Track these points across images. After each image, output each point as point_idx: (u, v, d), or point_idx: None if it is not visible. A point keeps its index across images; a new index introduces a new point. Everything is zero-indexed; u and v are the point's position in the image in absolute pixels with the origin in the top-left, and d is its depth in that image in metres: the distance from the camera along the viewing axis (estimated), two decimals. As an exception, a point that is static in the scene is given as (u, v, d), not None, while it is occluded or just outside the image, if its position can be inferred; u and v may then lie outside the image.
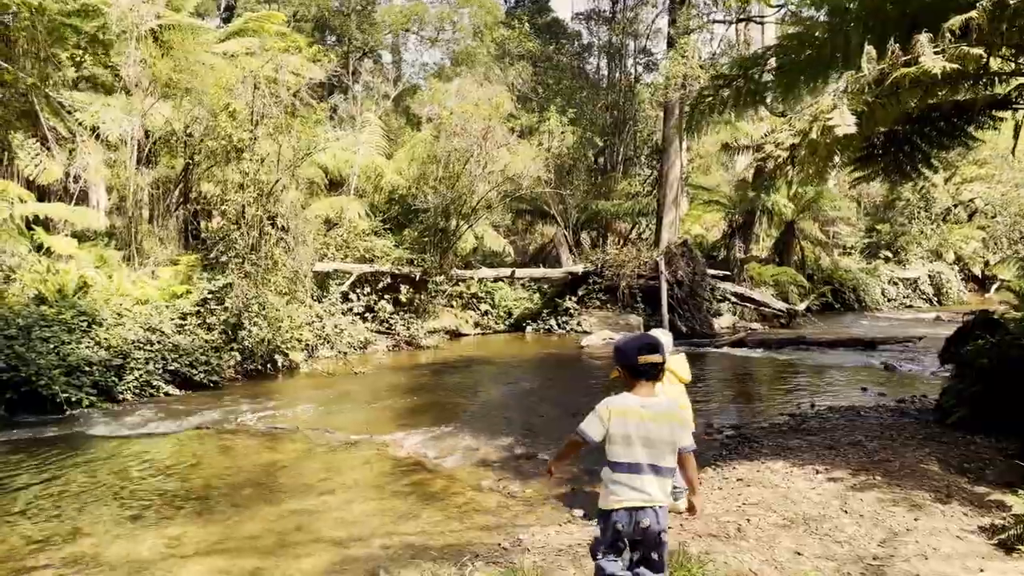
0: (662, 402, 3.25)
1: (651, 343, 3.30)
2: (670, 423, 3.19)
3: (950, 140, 8.93)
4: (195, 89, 13.34)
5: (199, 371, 11.80)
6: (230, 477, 7.10)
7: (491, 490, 6.65)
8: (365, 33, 32.29)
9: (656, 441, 3.18)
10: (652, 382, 3.28)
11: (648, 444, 3.19)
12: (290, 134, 12.85)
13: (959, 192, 33.13)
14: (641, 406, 3.22)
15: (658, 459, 3.19)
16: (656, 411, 3.20)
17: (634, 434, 3.19)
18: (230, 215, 12.52)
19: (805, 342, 17.03)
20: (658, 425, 3.18)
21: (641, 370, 3.25)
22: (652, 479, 3.20)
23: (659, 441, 3.19)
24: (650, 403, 3.22)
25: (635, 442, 3.19)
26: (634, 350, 3.29)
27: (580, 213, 23.46)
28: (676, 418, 3.21)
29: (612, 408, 3.25)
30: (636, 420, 3.19)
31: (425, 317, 17.06)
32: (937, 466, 6.88)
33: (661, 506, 3.24)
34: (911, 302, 29.25)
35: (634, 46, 31.00)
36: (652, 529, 3.20)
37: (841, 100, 5.19)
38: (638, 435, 3.19)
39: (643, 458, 3.19)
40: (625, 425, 3.20)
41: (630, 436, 3.19)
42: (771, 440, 8.19)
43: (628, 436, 3.19)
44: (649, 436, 3.18)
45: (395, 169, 20.00)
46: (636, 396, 3.25)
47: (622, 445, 3.21)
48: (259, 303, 12.58)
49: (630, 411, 3.21)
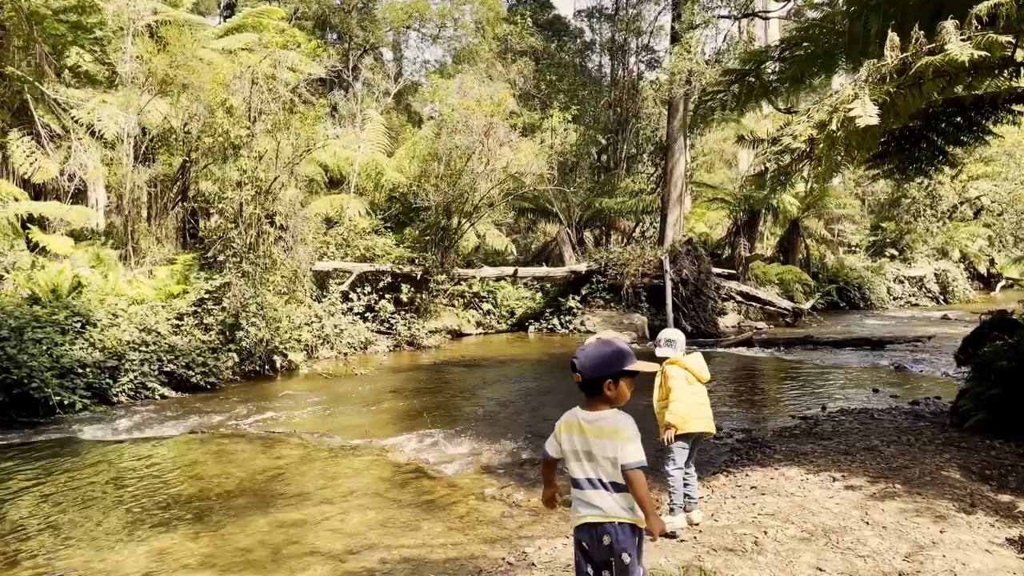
0: (606, 416, 3.06)
1: (572, 360, 3.16)
2: (612, 439, 3.01)
3: (967, 136, 8.66)
4: (192, 85, 13.08)
5: (196, 372, 11.57)
6: (224, 485, 6.85)
7: (494, 499, 6.39)
8: (366, 30, 32.04)
9: (598, 456, 3.05)
10: (595, 397, 3.11)
11: (591, 459, 3.07)
12: (288, 131, 12.59)
13: (965, 189, 32.85)
14: (583, 420, 3.09)
15: (604, 474, 3.05)
16: (599, 426, 3.05)
17: (579, 449, 3.09)
18: (228, 213, 12.27)
19: (812, 341, 16.78)
20: (599, 440, 3.04)
21: (581, 387, 3.15)
22: (604, 494, 3.06)
23: (601, 457, 3.05)
24: (593, 417, 3.07)
25: (581, 457, 3.09)
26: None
27: (583, 211, 23.20)
28: (618, 435, 3.00)
29: (561, 424, 3.18)
30: (578, 434, 3.09)
31: (426, 317, 16.82)
32: (958, 473, 6.62)
33: (622, 523, 3.07)
34: (917, 300, 29.00)
35: (636, 43, 30.76)
36: (614, 548, 3.06)
37: (863, 89, 4.93)
38: (582, 450, 3.08)
39: (591, 472, 3.08)
40: (571, 440, 3.11)
41: (577, 451, 3.10)
42: (783, 445, 7.93)
43: (576, 451, 3.10)
44: (591, 451, 3.07)
45: (396, 167, 19.74)
46: (583, 410, 3.13)
47: (573, 460, 3.12)
48: (257, 303, 12.34)
49: (573, 425, 3.12)
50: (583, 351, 3.17)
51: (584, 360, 3.13)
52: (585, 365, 3.11)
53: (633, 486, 2.97)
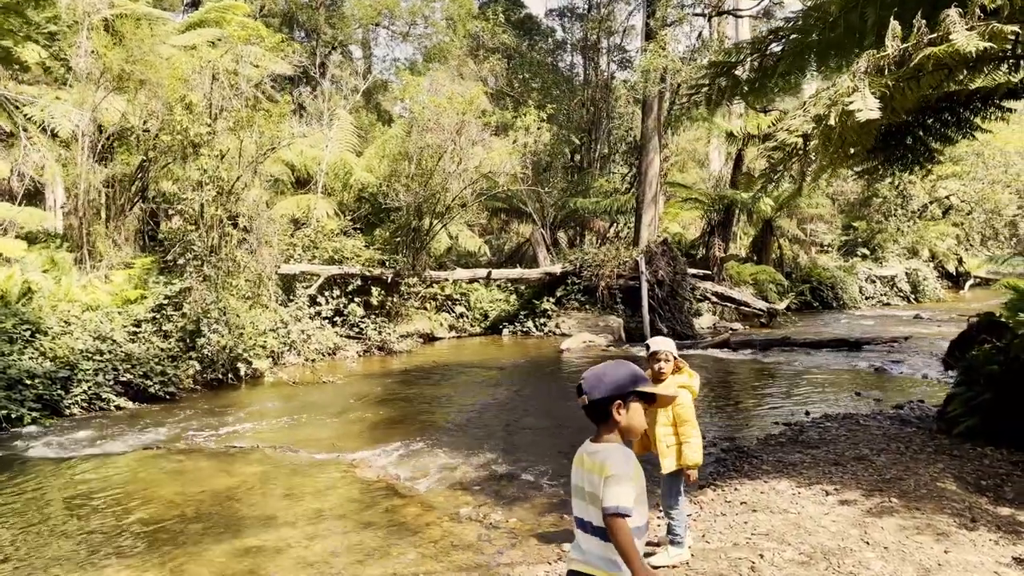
0: (602, 449, 2.69)
1: (579, 383, 2.76)
2: (598, 476, 2.64)
3: (955, 131, 8.43)
4: (150, 81, 12.48)
5: (154, 382, 11.01)
6: (177, 507, 6.36)
7: (470, 519, 5.99)
8: (335, 27, 31.38)
9: (584, 493, 2.71)
10: (603, 424, 2.74)
11: (579, 495, 2.74)
12: (252, 129, 12.06)
13: (934, 189, 33.06)
14: (586, 452, 2.76)
15: (592, 516, 2.68)
16: (594, 459, 2.69)
17: (578, 484, 2.77)
18: (187, 215, 11.70)
19: (790, 343, 16.59)
20: (590, 476, 2.69)
21: (586, 414, 2.78)
22: (589, 539, 2.70)
23: (586, 493, 2.70)
24: (594, 449, 2.73)
25: (579, 493, 2.76)
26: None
27: (557, 211, 22.86)
28: (603, 470, 2.61)
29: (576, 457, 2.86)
30: (579, 467, 2.77)
31: (397, 321, 16.35)
32: (954, 484, 6.35)
33: None
34: (888, 300, 29.07)
35: (609, 43, 30.52)
36: None
37: (863, 81, 4.61)
38: (579, 485, 2.75)
39: (582, 512, 2.73)
40: (576, 473, 2.79)
41: (578, 487, 2.77)
42: (771, 454, 7.63)
43: (577, 486, 2.78)
44: (580, 486, 2.74)
45: (365, 166, 19.21)
46: (589, 442, 2.79)
47: (574, 495, 2.80)
48: (219, 308, 11.79)
49: (579, 458, 2.79)
50: (592, 371, 2.78)
51: (592, 380, 2.73)
52: (593, 385, 2.71)
53: (614, 535, 2.55)
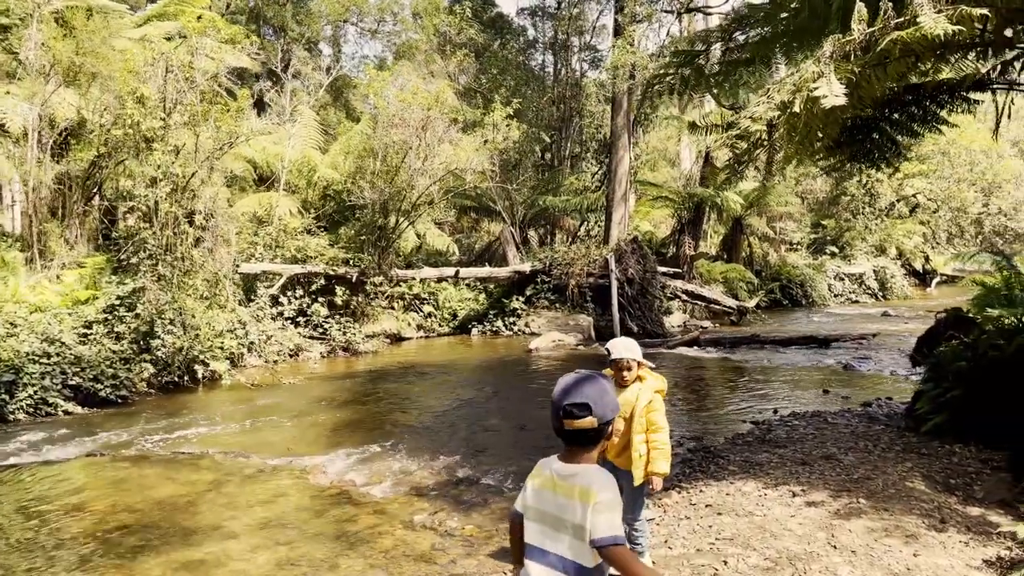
0: (582, 473, 2.35)
1: (580, 402, 2.37)
2: (582, 503, 2.29)
3: (921, 126, 8.32)
4: (101, 74, 12.04)
5: (105, 386, 10.59)
6: (117, 518, 6.02)
7: (425, 527, 5.72)
8: (302, 24, 30.90)
9: (552, 518, 2.36)
10: (583, 447, 2.40)
11: (543, 521, 2.38)
12: (208, 123, 11.67)
13: (901, 187, 33.35)
14: (558, 475, 2.39)
15: (565, 551, 2.33)
16: (572, 484, 2.34)
17: (545, 510, 2.39)
18: (140, 212, 11.29)
19: (759, 340, 16.52)
20: (569, 503, 2.33)
21: (568, 436, 2.40)
22: (549, 572, 2.35)
23: (555, 519, 2.35)
24: (570, 471, 2.37)
25: (544, 520, 2.39)
26: (557, 411, 2.40)
27: (527, 209, 22.62)
28: (590, 496, 2.28)
29: (533, 474, 2.49)
30: (550, 492, 2.38)
31: (363, 321, 16.01)
32: (923, 483, 6.21)
33: None
34: (857, 297, 29.23)
35: (580, 42, 30.42)
36: None
37: (828, 67, 4.43)
38: (548, 512, 2.38)
39: (549, 545, 2.36)
40: (539, 497, 2.42)
41: (541, 512, 2.40)
42: (738, 454, 7.46)
43: (540, 512, 2.41)
44: (558, 516, 2.35)
45: (330, 163, 18.82)
46: (558, 462, 2.43)
47: (533, 521, 2.43)
48: (174, 309, 11.39)
49: (546, 480, 2.42)
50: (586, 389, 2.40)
51: (596, 399, 2.37)
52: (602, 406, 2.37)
53: (621, 566, 2.22)
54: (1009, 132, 36.32)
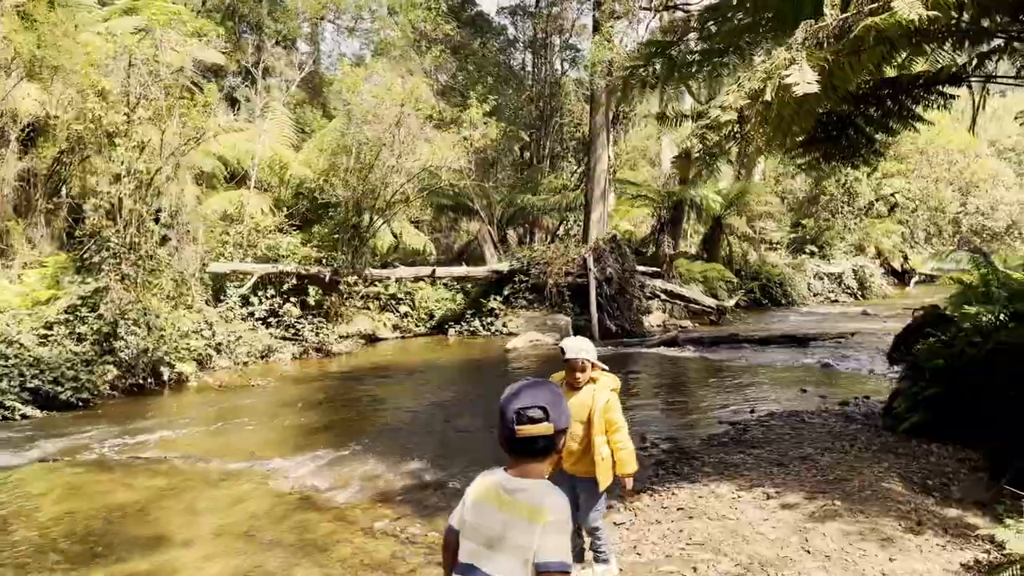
0: (531, 488, 2.13)
1: (537, 405, 2.17)
2: (530, 522, 2.07)
3: (897, 122, 8.21)
4: (63, 67, 11.70)
5: (66, 388, 10.22)
6: (64, 527, 5.74)
7: (386, 534, 5.49)
8: (278, 21, 30.51)
9: (491, 536, 2.12)
10: (534, 458, 2.18)
11: (494, 547, 2.12)
12: (173, 118, 11.35)
13: (880, 187, 33.49)
14: (505, 489, 2.16)
15: (486, 563, 2.11)
16: (518, 500, 2.12)
17: (485, 527, 2.16)
18: (101, 210, 10.95)
19: (738, 340, 16.42)
20: (514, 520, 2.10)
21: (519, 444, 2.17)
22: None
23: (495, 538, 2.11)
24: (516, 486, 2.14)
25: (482, 539, 2.16)
26: (512, 417, 2.17)
27: (506, 208, 22.40)
28: (540, 516, 2.07)
29: (474, 487, 2.26)
30: (494, 507, 2.15)
31: (337, 321, 15.71)
32: (900, 484, 6.07)
33: None
34: (836, 296, 29.29)
35: (560, 41, 30.28)
36: None
37: (800, 54, 4.27)
38: (489, 530, 2.14)
39: (487, 566, 2.13)
40: (480, 512, 2.18)
41: (479, 529, 2.17)
42: (712, 455, 7.29)
43: (478, 529, 2.18)
44: (500, 535, 2.12)
45: (304, 161, 18.50)
46: (505, 475, 2.20)
47: (470, 539, 2.19)
48: (138, 309, 11.07)
49: (490, 494, 2.18)
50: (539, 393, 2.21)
51: (552, 403, 2.18)
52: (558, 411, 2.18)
53: None
54: (987, 132, 36.67)
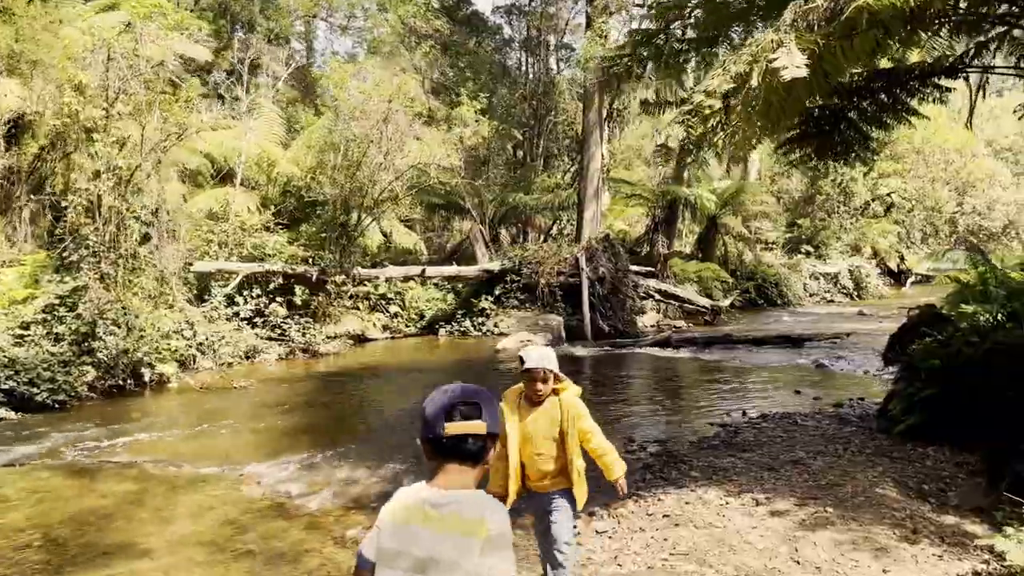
0: (464, 499, 1.85)
1: (468, 400, 1.92)
2: (469, 539, 1.79)
3: (891, 116, 7.98)
4: (42, 62, 11.43)
5: (42, 390, 9.97)
6: (22, 535, 5.49)
7: (356, 543, 5.24)
8: (271, 19, 30.27)
9: (421, 560, 1.80)
10: (466, 467, 1.91)
11: (403, 563, 1.82)
12: (153, 114, 11.10)
13: (876, 187, 33.32)
14: (430, 504, 1.85)
15: None
16: (449, 513, 1.82)
17: (411, 552, 1.82)
18: (81, 207, 10.70)
19: (732, 340, 16.20)
20: (448, 538, 1.80)
21: (447, 446, 1.89)
22: None
23: (425, 561, 1.80)
24: (445, 499, 1.84)
25: (389, 561, 1.84)
26: (439, 413, 1.90)
27: (498, 208, 22.15)
28: (480, 531, 1.78)
29: (391, 508, 1.91)
30: (421, 526, 1.83)
31: (325, 321, 15.45)
32: (894, 490, 5.84)
33: None
34: (832, 296, 29.13)
35: (556, 40, 30.07)
36: None
37: (788, 36, 4.04)
38: (416, 554, 1.81)
39: None
40: (401, 536, 1.84)
41: (402, 555, 1.83)
42: (702, 459, 7.05)
43: (401, 555, 1.83)
44: (407, 550, 1.82)
45: (292, 159, 18.23)
46: (429, 488, 1.88)
47: (387, 568, 1.84)
48: (117, 309, 10.81)
49: (412, 512, 1.86)
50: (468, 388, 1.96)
51: (488, 403, 1.94)
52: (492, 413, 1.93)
53: None
54: (983, 132, 36.52)
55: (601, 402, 10.82)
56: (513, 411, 3.71)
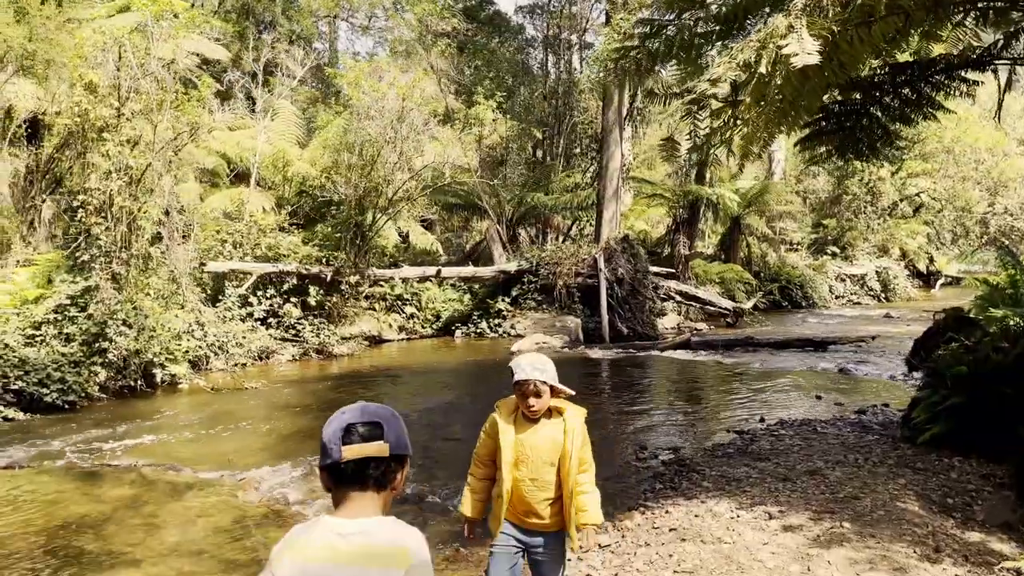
0: (375, 528, 1.65)
1: (368, 420, 1.72)
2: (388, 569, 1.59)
3: (915, 111, 7.64)
4: (55, 61, 11.42)
5: (51, 390, 9.93)
6: (14, 541, 5.37)
7: (349, 555, 5.07)
8: (292, 20, 30.35)
9: None
10: (372, 493, 1.70)
11: None
12: (165, 113, 11.02)
13: (904, 186, 32.60)
14: (338, 534, 1.64)
15: None
16: (364, 544, 1.62)
17: None
18: (92, 207, 10.64)
19: (753, 343, 15.83)
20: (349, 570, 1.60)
21: (346, 473, 1.70)
22: None
23: None
24: (355, 528, 1.65)
25: None
26: (335, 435, 1.70)
27: (516, 207, 21.93)
28: (401, 559, 1.61)
29: (289, 543, 1.68)
30: (309, 562, 1.62)
31: (340, 322, 15.34)
32: (916, 503, 5.54)
33: None
34: (859, 299, 28.57)
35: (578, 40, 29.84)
36: None
37: (799, 20, 3.78)
38: None
39: None
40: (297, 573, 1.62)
41: None
42: (714, 468, 6.78)
43: None
44: None
45: (309, 159, 18.17)
46: (333, 519, 1.68)
47: None
48: (128, 309, 10.75)
49: (312, 547, 1.64)
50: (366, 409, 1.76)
51: (390, 420, 1.74)
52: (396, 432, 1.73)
53: None
54: (1015, 130, 35.61)
55: (615, 406, 10.58)
56: (508, 424, 3.22)
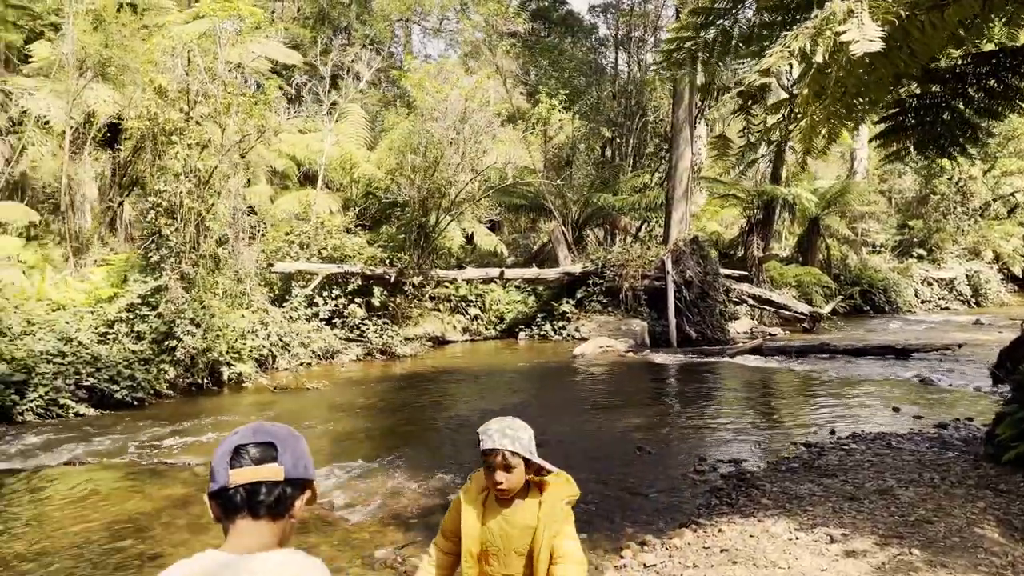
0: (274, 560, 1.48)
1: (260, 440, 1.56)
2: None
3: (1003, 105, 7.07)
4: (130, 67, 11.79)
5: (121, 387, 10.25)
6: (58, 540, 5.46)
7: (385, 565, 4.95)
8: (366, 24, 30.82)
9: None
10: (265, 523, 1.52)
11: None
12: (232, 116, 11.23)
13: (998, 186, 30.81)
14: (227, 570, 1.45)
15: None
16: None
17: None
18: (162, 208, 10.93)
19: (828, 349, 15.15)
20: None
21: (235, 499, 1.52)
22: None
23: None
24: (249, 565, 1.46)
25: None
26: (223, 458, 1.53)
27: (583, 208, 21.64)
28: None
29: None
30: None
31: (403, 323, 15.40)
32: (996, 530, 5.07)
33: None
34: (947, 304, 27.17)
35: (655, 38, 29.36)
36: None
37: (860, 3, 3.44)
38: None
39: None
40: None
41: None
42: (776, 484, 6.40)
43: None
44: None
45: (376, 161, 18.33)
46: (219, 553, 1.50)
47: None
48: (195, 308, 11.00)
49: None
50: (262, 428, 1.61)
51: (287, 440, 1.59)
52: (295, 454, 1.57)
53: None
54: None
55: (678, 414, 10.24)
56: (474, 506, 2.53)
